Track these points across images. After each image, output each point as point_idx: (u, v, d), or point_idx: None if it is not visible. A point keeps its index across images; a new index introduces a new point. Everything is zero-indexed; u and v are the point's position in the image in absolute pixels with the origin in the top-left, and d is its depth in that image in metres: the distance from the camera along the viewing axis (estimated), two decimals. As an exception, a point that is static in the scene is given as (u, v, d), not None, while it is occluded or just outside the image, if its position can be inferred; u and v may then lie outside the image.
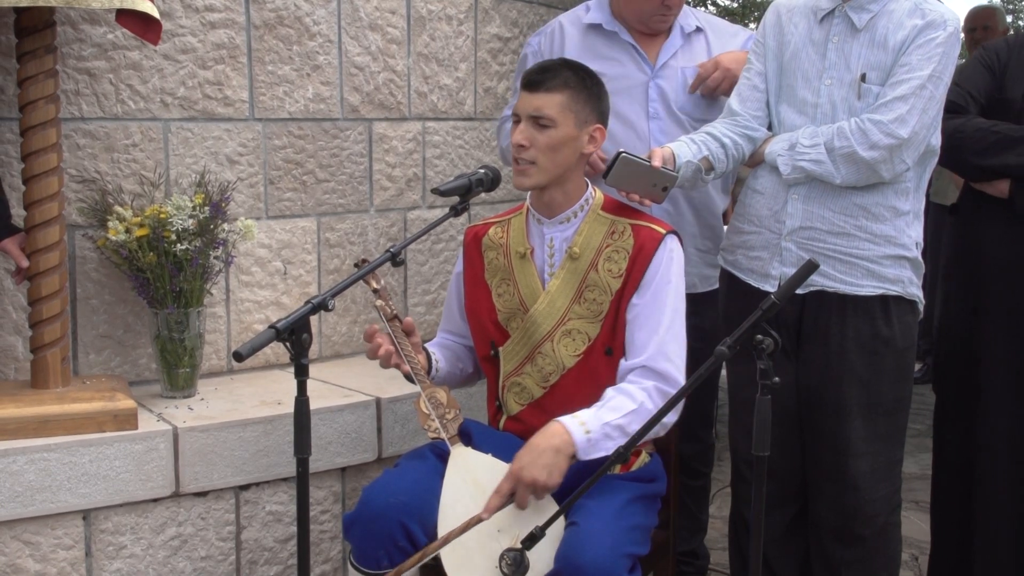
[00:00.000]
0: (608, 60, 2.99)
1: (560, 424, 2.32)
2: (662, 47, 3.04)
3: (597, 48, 3.02)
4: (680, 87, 3.02)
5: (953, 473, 3.04)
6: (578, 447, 2.30)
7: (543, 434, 2.32)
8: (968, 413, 2.97)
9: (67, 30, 2.80)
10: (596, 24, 3.04)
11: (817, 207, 2.63)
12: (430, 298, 3.60)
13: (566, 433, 2.30)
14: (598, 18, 3.04)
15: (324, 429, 2.84)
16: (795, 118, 2.68)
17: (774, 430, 2.09)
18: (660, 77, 3.03)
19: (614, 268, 2.47)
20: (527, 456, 2.28)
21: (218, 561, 2.77)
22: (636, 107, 3.01)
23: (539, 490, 2.26)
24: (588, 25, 3.05)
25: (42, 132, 2.57)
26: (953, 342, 3.06)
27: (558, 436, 2.30)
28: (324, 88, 3.26)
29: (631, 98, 3.00)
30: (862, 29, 2.60)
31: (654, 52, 3.04)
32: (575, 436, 2.30)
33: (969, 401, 2.97)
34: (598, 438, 2.31)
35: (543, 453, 2.28)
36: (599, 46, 3.02)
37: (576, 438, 2.30)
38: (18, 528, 2.49)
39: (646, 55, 3.03)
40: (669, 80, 3.03)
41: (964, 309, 3.00)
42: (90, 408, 2.57)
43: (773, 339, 2.04)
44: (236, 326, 3.15)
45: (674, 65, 3.04)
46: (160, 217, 2.76)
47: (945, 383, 3.09)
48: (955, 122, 2.85)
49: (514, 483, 2.27)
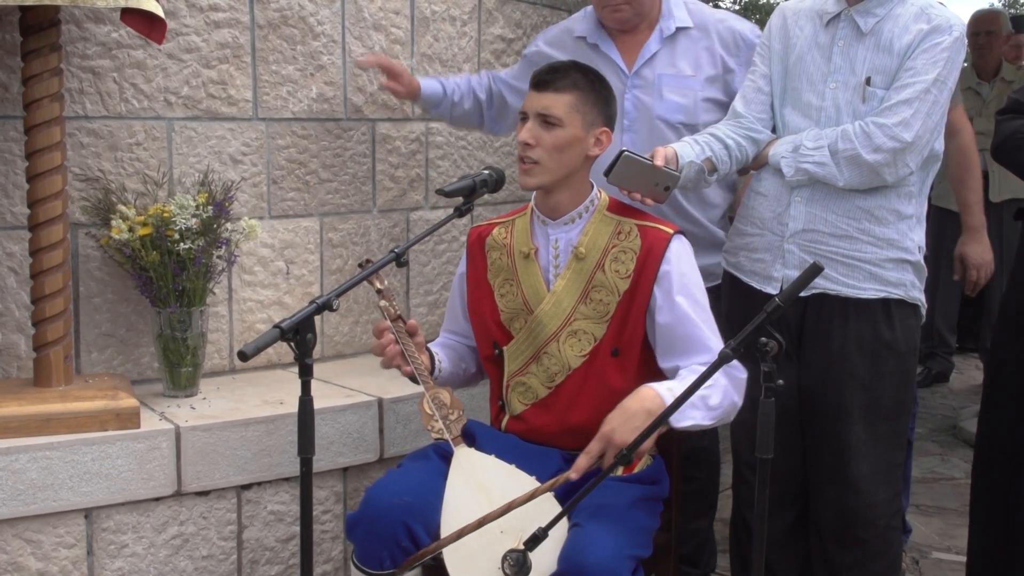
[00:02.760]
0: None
1: (652, 389, 2.31)
2: (639, 52, 3.04)
3: (588, 58, 3.01)
4: (656, 95, 3.01)
5: (998, 476, 2.96)
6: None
7: (634, 397, 2.30)
8: (1016, 417, 2.91)
9: (72, 28, 2.80)
10: (582, 37, 3.10)
11: (820, 210, 2.64)
12: (432, 299, 3.60)
13: (658, 397, 2.29)
14: (583, 30, 3.11)
15: (326, 429, 2.84)
16: (799, 121, 2.68)
17: (775, 433, 2.09)
18: (635, 87, 3.03)
19: (621, 269, 2.47)
20: (618, 418, 2.27)
21: (220, 560, 2.77)
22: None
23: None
24: (576, 38, 3.11)
25: (46, 130, 2.57)
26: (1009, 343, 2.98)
27: (651, 400, 2.29)
28: (328, 88, 3.26)
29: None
30: (868, 33, 2.61)
31: (632, 57, 3.05)
32: (667, 400, 2.27)
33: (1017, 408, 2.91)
34: (685, 406, 2.26)
35: (635, 415, 2.26)
36: (589, 57, 3.02)
37: (668, 403, 2.26)
38: (20, 526, 2.49)
39: (625, 63, 3.04)
40: (644, 89, 3.03)
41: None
42: (92, 407, 2.57)
43: (777, 342, 2.04)
44: (238, 325, 3.15)
45: (648, 74, 3.03)
46: (163, 216, 2.76)
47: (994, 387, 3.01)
48: (1016, 123, 2.86)
49: (605, 444, 2.26)
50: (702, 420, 2.32)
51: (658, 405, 2.27)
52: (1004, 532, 2.93)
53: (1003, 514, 2.93)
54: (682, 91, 3.01)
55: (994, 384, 3.02)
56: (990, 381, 3.07)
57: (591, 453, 2.28)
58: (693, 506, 3.28)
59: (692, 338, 2.42)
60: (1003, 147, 2.91)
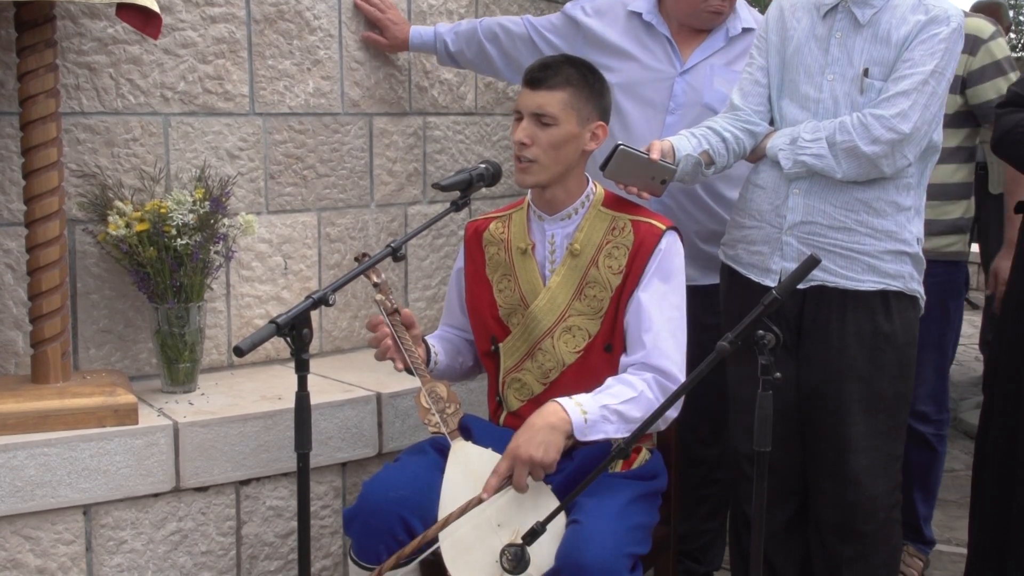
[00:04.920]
0: (644, 48, 3.07)
1: (556, 403, 2.32)
2: (699, 46, 3.07)
3: (637, 34, 3.08)
4: (707, 84, 3.04)
5: (998, 470, 2.96)
6: (575, 426, 2.29)
7: (539, 413, 2.32)
8: (1016, 412, 2.90)
9: (67, 24, 2.79)
10: (637, 12, 3.11)
11: (818, 202, 2.63)
12: (430, 293, 3.60)
13: (562, 411, 2.30)
14: (640, 7, 3.11)
15: (324, 424, 2.83)
16: (797, 113, 2.68)
17: (774, 426, 2.09)
18: (689, 74, 3.06)
19: (614, 265, 2.46)
20: (523, 435, 2.28)
21: (218, 556, 2.77)
22: (659, 99, 3.05)
23: (536, 468, 2.26)
24: (630, 11, 3.12)
25: (42, 127, 2.57)
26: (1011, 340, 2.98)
27: (554, 414, 2.30)
28: (325, 83, 3.25)
29: (656, 90, 3.05)
30: (865, 24, 2.60)
31: (690, 50, 3.08)
32: (571, 415, 2.29)
33: (1018, 401, 2.90)
34: (596, 419, 2.30)
35: (539, 431, 2.27)
36: (639, 32, 3.08)
37: (572, 416, 2.29)
38: (18, 523, 2.49)
39: (680, 52, 3.07)
40: (697, 76, 3.05)
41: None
42: (90, 403, 2.57)
43: (775, 335, 2.03)
44: (236, 321, 3.15)
45: (703, 66, 3.06)
46: (160, 212, 2.75)
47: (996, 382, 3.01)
48: (1016, 116, 2.85)
49: (511, 462, 2.27)
50: (615, 434, 2.32)
51: (561, 419, 2.29)
52: (1004, 525, 2.93)
53: (1004, 508, 2.93)
54: (731, 84, 3.01)
55: (995, 378, 3.01)
56: (991, 374, 3.07)
57: (499, 472, 2.28)
58: (709, 506, 3.28)
59: (639, 332, 2.42)
60: (1004, 141, 2.90)
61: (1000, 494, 2.95)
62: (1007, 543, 2.91)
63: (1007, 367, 2.95)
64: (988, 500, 3.01)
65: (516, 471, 2.26)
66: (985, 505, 3.02)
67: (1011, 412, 2.92)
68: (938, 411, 3.58)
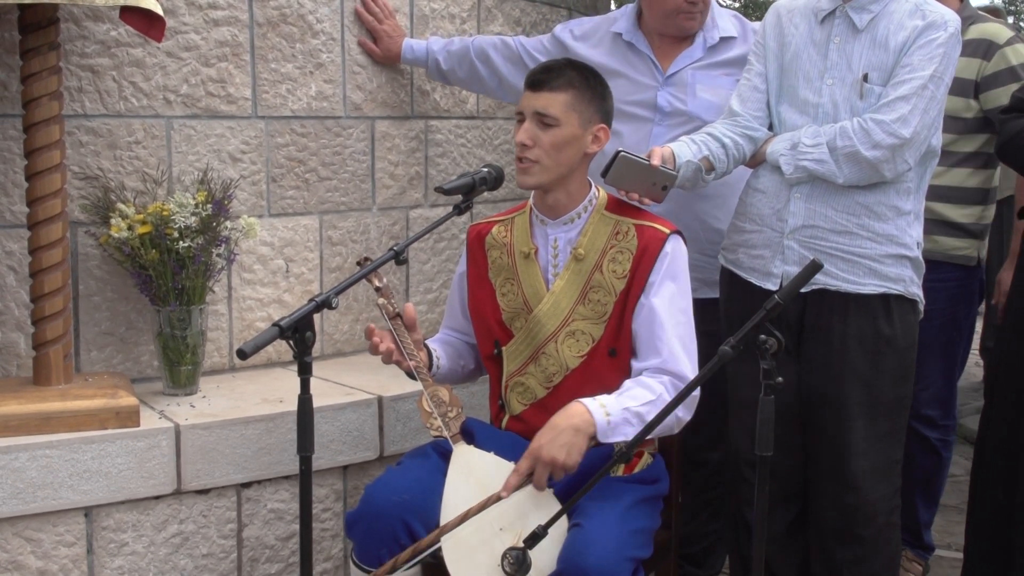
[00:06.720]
0: (629, 65, 3.16)
1: (581, 404, 2.31)
2: (678, 57, 3.12)
3: (623, 52, 3.18)
4: (690, 92, 3.09)
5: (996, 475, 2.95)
6: (598, 428, 2.28)
7: (563, 413, 2.31)
8: (1017, 418, 2.89)
9: (70, 27, 2.79)
10: (619, 33, 3.20)
11: (819, 205, 2.64)
12: (432, 296, 3.60)
13: (587, 413, 2.29)
14: (621, 27, 3.21)
15: (326, 427, 2.84)
16: (796, 118, 2.69)
17: (775, 430, 2.09)
18: (670, 84, 3.11)
19: (618, 269, 2.47)
20: (547, 435, 2.27)
21: (219, 559, 2.77)
22: (645, 111, 3.11)
23: (557, 469, 2.25)
24: (614, 33, 3.21)
25: (45, 129, 2.57)
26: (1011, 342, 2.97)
27: (579, 416, 2.29)
28: (327, 86, 3.26)
29: (641, 103, 3.12)
30: (863, 30, 2.61)
31: (669, 61, 3.13)
32: (596, 417, 2.28)
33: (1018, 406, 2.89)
34: (618, 422, 2.29)
35: (563, 432, 2.27)
36: (624, 51, 3.18)
37: (597, 419, 2.28)
38: (20, 525, 2.49)
39: (660, 64, 3.13)
40: (679, 86, 3.10)
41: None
42: (92, 405, 2.57)
43: (776, 339, 2.04)
44: (238, 324, 3.15)
45: (684, 75, 3.11)
46: (163, 214, 2.76)
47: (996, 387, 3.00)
48: (1020, 122, 2.85)
49: (533, 462, 2.26)
50: (633, 436, 2.31)
51: (586, 421, 2.28)
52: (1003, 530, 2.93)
53: (1003, 513, 2.93)
54: (714, 90, 3.08)
55: (995, 383, 3.01)
56: (991, 380, 3.07)
57: (520, 471, 2.28)
58: (711, 509, 3.28)
59: (652, 339, 2.42)
60: (1008, 146, 2.90)
61: (1000, 499, 2.95)
62: (1008, 548, 2.91)
63: (1008, 373, 2.96)
64: (986, 505, 3.00)
65: (537, 471, 2.26)
66: (983, 510, 3.02)
67: (1012, 418, 2.92)
68: (944, 416, 3.56)
